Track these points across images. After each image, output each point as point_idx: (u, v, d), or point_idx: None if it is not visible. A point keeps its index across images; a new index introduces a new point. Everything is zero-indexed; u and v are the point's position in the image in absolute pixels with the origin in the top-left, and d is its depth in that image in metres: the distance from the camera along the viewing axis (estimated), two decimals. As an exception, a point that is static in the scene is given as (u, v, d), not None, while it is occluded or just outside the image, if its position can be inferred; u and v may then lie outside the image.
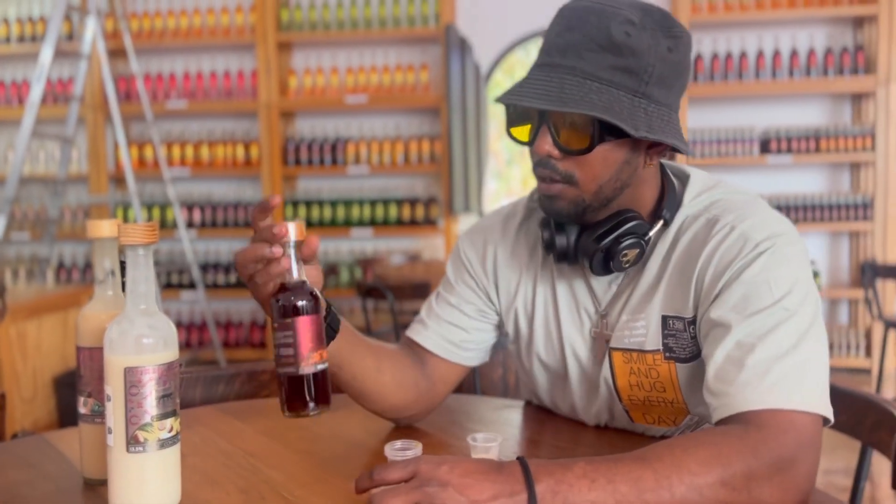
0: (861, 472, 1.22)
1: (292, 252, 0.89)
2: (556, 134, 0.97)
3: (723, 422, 0.90)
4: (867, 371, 4.31)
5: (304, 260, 0.91)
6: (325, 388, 0.88)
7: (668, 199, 1.06)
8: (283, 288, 0.88)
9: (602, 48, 0.94)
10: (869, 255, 4.32)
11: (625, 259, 1.03)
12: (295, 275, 0.89)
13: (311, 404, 0.87)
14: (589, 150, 0.97)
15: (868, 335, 4.40)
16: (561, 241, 1.06)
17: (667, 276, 1.04)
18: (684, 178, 1.09)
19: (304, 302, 0.87)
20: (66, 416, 3.38)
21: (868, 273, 3.59)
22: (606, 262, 1.04)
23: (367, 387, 1.09)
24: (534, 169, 1.03)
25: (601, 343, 1.11)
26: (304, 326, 0.86)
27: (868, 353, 4.38)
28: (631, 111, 0.95)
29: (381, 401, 1.12)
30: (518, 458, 0.79)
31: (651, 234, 1.04)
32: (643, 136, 0.94)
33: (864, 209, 4.35)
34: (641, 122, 0.95)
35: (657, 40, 0.96)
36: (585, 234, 1.05)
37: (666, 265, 1.04)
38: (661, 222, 1.05)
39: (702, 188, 1.07)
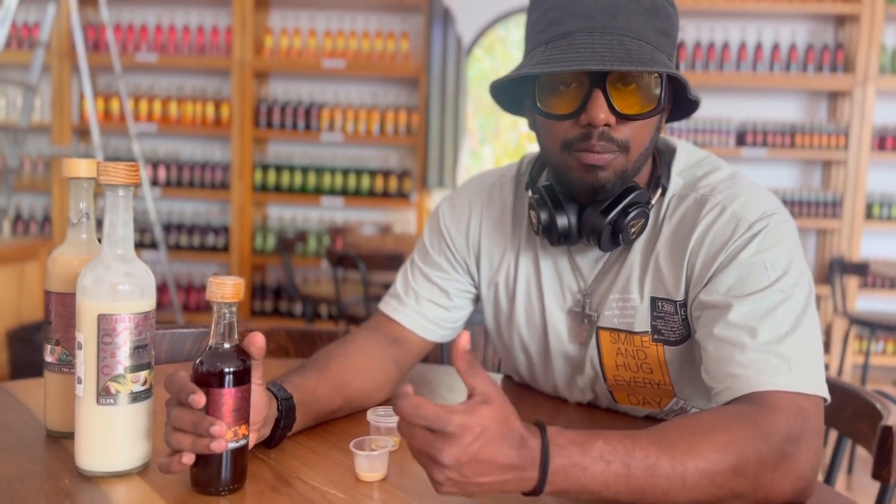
0: (836, 461, 1.22)
1: (227, 313, 0.78)
2: (612, 100, 0.91)
3: (729, 403, 0.88)
4: (826, 367, 4.38)
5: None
6: (238, 466, 0.79)
7: (661, 167, 1.04)
8: (211, 353, 0.78)
9: (646, 11, 0.92)
10: (834, 253, 4.38)
11: (633, 230, 0.99)
12: (225, 340, 0.78)
13: (221, 484, 0.78)
14: (655, 112, 0.93)
15: (828, 331, 4.47)
16: (563, 221, 1.00)
17: (655, 256, 1.01)
18: (671, 151, 1.06)
19: (227, 370, 0.77)
20: (20, 371, 3.28)
21: (836, 270, 3.63)
22: (615, 236, 0.99)
23: (339, 416, 1.04)
24: (574, 143, 0.94)
25: (582, 321, 1.08)
26: (220, 399, 0.77)
27: (828, 348, 4.46)
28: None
29: (368, 404, 1.06)
30: (539, 428, 0.74)
31: (654, 202, 1.01)
32: (694, 97, 0.95)
33: (833, 207, 4.40)
34: (687, 84, 0.95)
35: (671, 5, 0.96)
36: (588, 210, 0.99)
37: (654, 245, 1.01)
38: (660, 190, 1.02)
39: (688, 163, 1.04)
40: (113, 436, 0.80)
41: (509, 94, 1.07)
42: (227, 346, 0.78)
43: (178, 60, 4.67)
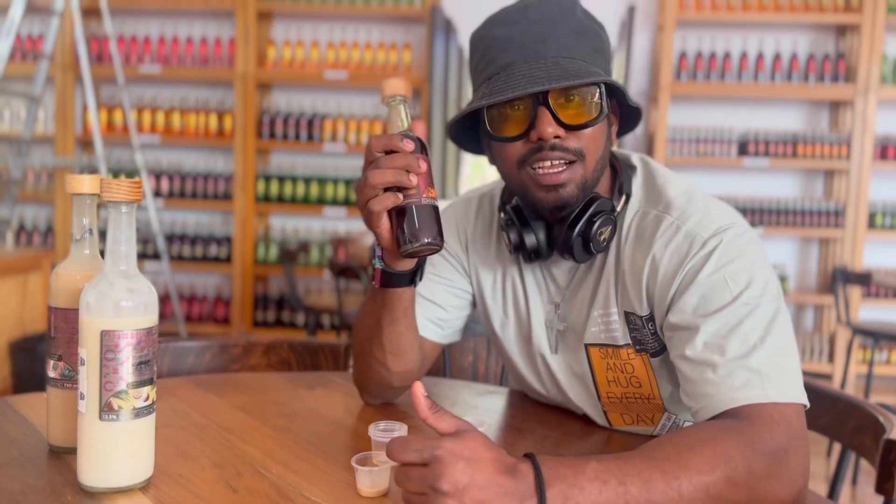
0: (840, 474, 1.22)
1: (402, 107, 0.91)
2: (557, 114, 0.96)
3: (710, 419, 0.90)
4: (828, 376, 4.37)
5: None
6: (439, 223, 0.89)
7: (622, 177, 1.07)
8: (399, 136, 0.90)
9: (575, 33, 0.98)
10: (837, 262, 4.38)
11: (602, 238, 1.02)
12: (405, 126, 0.91)
13: (432, 234, 0.88)
14: (598, 120, 0.97)
15: (832, 340, 4.46)
16: (531, 240, 1.04)
17: (621, 272, 1.03)
18: (631, 166, 1.09)
19: (423, 143, 0.90)
20: (21, 383, 3.28)
21: (838, 279, 3.63)
22: (587, 246, 1.02)
23: (405, 342, 1.08)
24: (526, 160, 0.98)
25: (555, 334, 1.10)
26: (426, 163, 0.89)
27: (831, 358, 4.44)
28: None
29: (404, 361, 1.09)
30: (529, 457, 0.76)
31: (619, 208, 1.04)
32: (636, 104, 0.99)
33: (835, 216, 4.40)
34: (624, 90, 1.00)
35: (598, 26, 1.02)
36: (557, 227, 1.03)
37: (621, 261, 1.04)
38: (623, 198, 1.05)
39: (648, 179, 1.07)
40: (115, 451, 0.80)
41: (470, 135, 1.12)
42: (405, 130, 0.91)
43: (182, 72, 4.69)
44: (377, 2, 4.59)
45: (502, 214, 1.07)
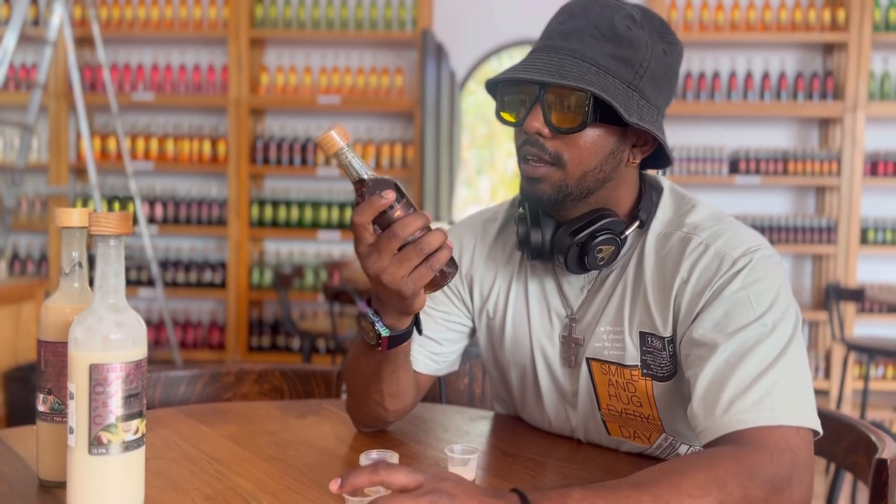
0: (834, 494, 1.22)
1: (350, 155, 0.88)
2: (548, 112, 0.97)
3: (713, 443, 0.89)
4: (826, 393, 4.37)
5: None
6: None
7: (644, 202, 1.06)
8: (364, 184, 0.88)
9: (604, 36, 0.97)
10: (831, 279, 4.39)
11: (600, 256, 1.02)
12: (368, 173, 0.88)
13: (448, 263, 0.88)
14: (580, 128, 0.97)
15: (828, 357, 4.46)
16: (536, 236, 1.04)
17: (642, 292, 1.03)
18: (659, 190, 1.09)
19: (391, 185, 0.87)
20: (16, 413, 3.27)
21: (832, 295, 3.64)
22: (581, 259, 1.02)
23: (403, 384, 1.08)
24: (519, 149, 1.02)
25: (570, 348, 1.09)
26: (399, 210, 0.87)
27: (827, 374, 4.44)
28: (625, 98, 0.96)
29: (401, 400, 1.10)
30: (516, 491, 0.76)
31: (627, 233, 1.04)
32: (634, 122, 0.95)
33: (827, 232, 4.42)
34: (634, 110, 0.97)
35: (654, 40, 0.99)
36: (561, 229, 1.04)
37: (641, 281, 1.03)
38: (636, 223, 1.05)
39: (676, 203, 1.07)
40: (105, 486, 0.80)
41: None
42: (366, 175, 0.87)
43: (175, 99, 4.71)
44: (369, 27, 4.63)
45: (519, 209, 1.08)
